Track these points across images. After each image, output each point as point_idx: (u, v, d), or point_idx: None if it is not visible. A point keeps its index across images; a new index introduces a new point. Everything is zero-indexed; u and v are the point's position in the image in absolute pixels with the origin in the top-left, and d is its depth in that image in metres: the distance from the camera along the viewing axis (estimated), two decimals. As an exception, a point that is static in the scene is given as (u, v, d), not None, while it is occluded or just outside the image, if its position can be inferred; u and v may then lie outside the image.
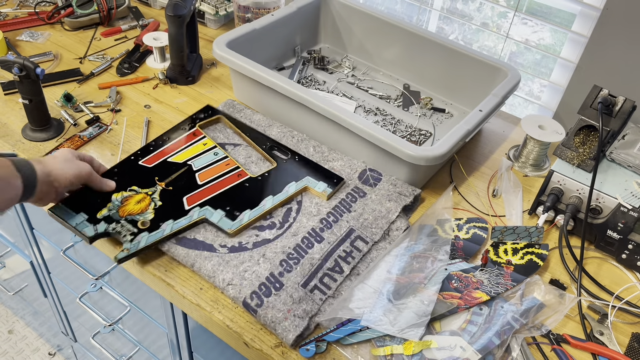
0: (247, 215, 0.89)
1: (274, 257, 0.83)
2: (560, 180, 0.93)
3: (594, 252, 0.94)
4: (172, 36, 1.15)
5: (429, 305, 0.78)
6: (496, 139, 1.16)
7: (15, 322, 2.01)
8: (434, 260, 0.86)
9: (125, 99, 1.17)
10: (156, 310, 1.09)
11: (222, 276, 0.81)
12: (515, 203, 0.99)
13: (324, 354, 0.75)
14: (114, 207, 0.89)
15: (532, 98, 1.30)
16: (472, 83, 1.17)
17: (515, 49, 1.28)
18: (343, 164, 1.00)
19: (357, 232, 0.89)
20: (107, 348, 1.40)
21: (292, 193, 0.94)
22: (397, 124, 1.15)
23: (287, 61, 1.32)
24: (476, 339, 0.75)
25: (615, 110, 0.95)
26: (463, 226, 0.94)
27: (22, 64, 0.95)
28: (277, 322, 0.75)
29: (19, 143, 1.04)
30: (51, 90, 1.17)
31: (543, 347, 0.78)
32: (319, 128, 1.04)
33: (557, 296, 0.83)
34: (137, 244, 0.84)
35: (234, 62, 1.07)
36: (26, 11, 1.42)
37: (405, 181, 0.98)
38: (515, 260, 0.89)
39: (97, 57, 1.28)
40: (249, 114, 1.10)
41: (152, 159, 0.99)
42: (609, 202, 0.89)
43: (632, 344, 0.80)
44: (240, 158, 1.01)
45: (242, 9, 1.31)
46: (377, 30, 1.27)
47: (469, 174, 1.07)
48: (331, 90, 1.24)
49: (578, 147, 0.96)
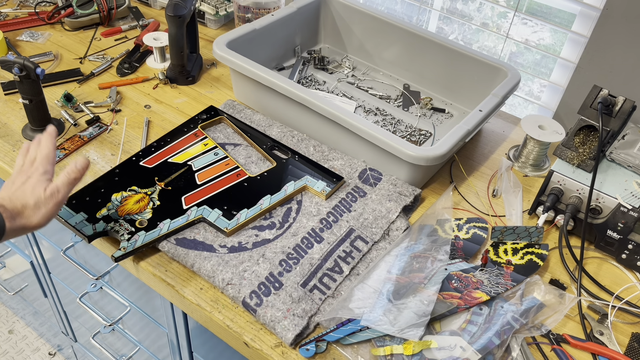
0: (244, 214, 0.89)
1: (273, 257, 0.83)
2: (560, 180, 0.93)
3: (594, 252, 0.94)
4: (172, 36, 1.16)
5: (429, 305, 0.78)
6: (496, 139, 1.16)
7: (16, 322, 2.01)
8: (433, 260, 0.86)
9: (126, 99, 1.17)
10: (156, 310, 1.09)
11: (221, 276, 0.81)
12: (515, 203, 0.99)
13: (324, 354, 0.75)
14: (113, 207, 0.89)
15: (532, 98, 1.30)
16: (472, 83, 1.17)
17: (515, 49, 1.28)
18: (343, 164, 1.01)
19: (357, 232, 0.89)
20: (107, 348, 1.40)
21: (291, 192, 0.94)
22: (397, 124, 1.15)
23: (287, 61, 1.32)
24: (476, 339, 0.75)
25: (615, 110, 0.95)
26: (463, 226, 0.94)
27: (22, 64, 0.95)
28: (277, 321, 0.76)
29: (19, 143, 1.04)
30: (51, 90, 1.17)
31: (543, 347, 0.78)
32: (319, 128, 1.04)
33: (557, 296, 0.83)
34: (134, 242, 0.84)
35: (234, 62, 1.07)
36: (26, 11, 1.42)
37: (405, 181, 0.98)
38: (515, 260, 0.89)
39: (97, 57, 1.28)
40: (249, 114, 1.10)
41: (153, 160, 0.99)
42: (609, 202, 0.89)
43: (632, 344, 0.80)
44: (240, 158, 1.01)
45: (242, 9, 1.31)
46: (377, 30, 1.27)
47: (469, 174, 1.07)
48: (331, 91, 1.24)
49: (578, 147, 0.96)
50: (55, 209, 0.75)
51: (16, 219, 0.72)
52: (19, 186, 0.75)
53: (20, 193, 0.74)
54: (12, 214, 0.71)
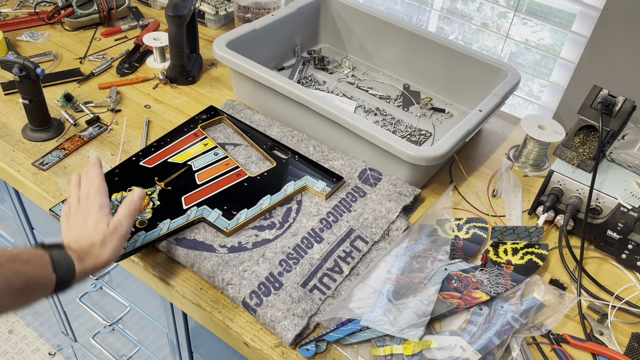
0: (244, 214, 0.89)
1: (273, 257, 0.83)
2: (560, 180, 0.93)
3: (593, 252, 0.94)
4: (172, 36, 1.15)
5: (429, 305, 0.78)
6: (496, 139, 1.16)
7: (16, 322, 2.01)
8: (433, 260, 0.86)
9: (126, 99, 1.17)
10: (156, 310, 1.09)
11: (221, 276, 0.81)
12: (515, 203, 0.99)
13: (324, 354, 0.75)
14: (113, 207, 0.89)
15: (532, 98, 1.30)
16: (472, 83, 1.17)
17: (515, 49, 1.28)
18: (343, 163, 1.00)
19: (357, 232, 0.89)
20: (107, 348, 1.40)
21: (291, 192, 0.94)
22: (397, 124, 1.15)
23: (287, 61, 1.32)
24: (476, 339, 0.75)
25: (615, 110, 0.95)
26: (463, 226, 0.94)
27: (22, 64, 0.95)
28: (277, 321, 0.76)
29: (19, 143, 1.04)
30: (51, 90, 1.17)
31: (543, 347, 0.78)
32: (319, 128, 1.04)
33: (557, 296, 0.83)
34: (134, 242, 0.84)
35: (234, 62, 1.07)
36: (26, 11, 1.42)
37: (405, 181, 0.98)
38: (515, 260, 0.89)
39: (97, 57, 1.28)
40: (249, 114, 1.10)
41: (153, 160, 0.99)
42: (609, 202, 0.89)
43: (632, 344, 0.80)
44: (240, 158, 1.01)
45: (242, 9, 1.31)
46: (377, 30, 1.27)
47: (469, 174, 1.07)
48: (331, 91, 1.24)
49: (578, 147, 0.96)
50: (121, 243, 0.74)
51: (85, 259, 0.70)
52: (81, 225, 0.74)
53: (84, 233, 0.73)
54: (80, 256, 0.70)
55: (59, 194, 0.94)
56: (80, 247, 0.71)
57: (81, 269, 0.69)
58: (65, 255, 0.68)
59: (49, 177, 0.97)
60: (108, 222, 0.74)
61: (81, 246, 0.71)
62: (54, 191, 0.95)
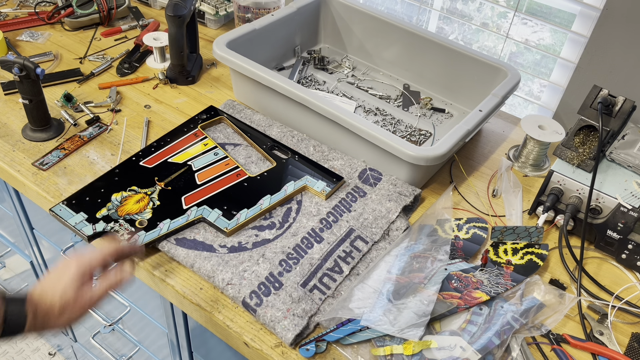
0: (244, 214, 0.89)
1: (273, 257, 0.83)
2: (560, 180, 0.93)
3: (593, 252, 0.94)
4: (172, 36, 1.15)
5: (429, 305, 0.78)
6: (496, 139, 1.16)
7: (16, 322, 2.01)
8: (433, 260, 0.86)
9: (125, 99, 1.17)
10: (156, 310, 1.09)
11: (221, 276, 0.81)
12: (515, 203, 0.99)
13: (324, 354, 0.75)
14: (113, 207, 0.89)
15: (532, 98, 1.30)
16: (472, 83, 1.17)
17: (515, 49, 1.28)
18: (343, 163, 1.00)
19: (357, 232, 0.89)
20: (107, 348, 1.40)
21: (291, 192, 0.94)
22: (397, 124, 1.15)
23: (287, 61, 1.32)
24: (476, 339, 0.75)
25: (615, 110, 0.95)
26: (463, 226, 0.94)
27: (22, 64, 0.95)
28: (277, 321, 0.75)
29: (19, 143, 1.04)
30: (51, 90, 1.17)
31: (543, 347, 0.78)
32: (319, 128, 1.04)
33: (557, 296, 0.83)
34: (134, 242, 0.84)
35: (234, 62, 1.07)
36: (26, 11, 1.42)
37: (405, 181, 0.98)
38: (515, 260, 0.89)
39: (97, 57, 1.28)
40: (249, 114, 1.10)
41: (153, 160, 0.99)
42: (609, 202, 0.89)
43: (632, 344, 0.80)
44: (240, 158, 1.01)
45: (242, 9, 1.31)
46: (377, 30, 1.27)
47: (469, 174, 1.07)
48: (331, 91, 1.24)
49: (578, 147, 0.96)
50: (82, 315, 0.70)
51: (38, 318, 0.66)
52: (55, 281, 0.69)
53: (51, 291, 0.68)
54: (36, 313, 0.66)
55: (59, 194, 0.94)
56: (41, 303, 0.67)
57: (32, 324, 0.65)
58: (22, 312, 0.65)
59: (49, 177, 0.97)
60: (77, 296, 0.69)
61: (41, 302, 0.67)
62: (54, 191, 0.95)
